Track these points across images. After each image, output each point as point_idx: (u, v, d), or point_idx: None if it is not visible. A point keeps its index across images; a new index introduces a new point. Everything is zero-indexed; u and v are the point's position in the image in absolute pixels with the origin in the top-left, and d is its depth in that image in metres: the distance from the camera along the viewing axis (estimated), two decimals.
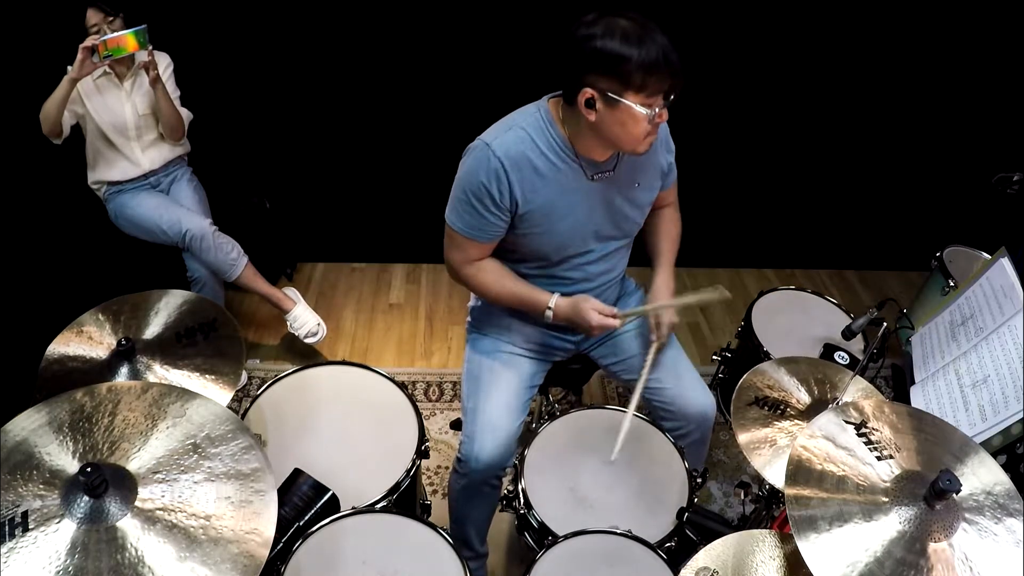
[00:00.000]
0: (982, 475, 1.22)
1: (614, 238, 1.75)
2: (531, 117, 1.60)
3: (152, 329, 1.56)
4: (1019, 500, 1.19)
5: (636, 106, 1.43)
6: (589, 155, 1.60)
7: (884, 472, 1.21)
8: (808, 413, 1.63)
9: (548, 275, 1.75)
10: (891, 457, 1.23)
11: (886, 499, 1.17)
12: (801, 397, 1.66)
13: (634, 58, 1.38)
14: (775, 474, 1.52)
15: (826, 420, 1.29)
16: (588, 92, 1.45)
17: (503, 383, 1.82)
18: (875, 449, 1.24)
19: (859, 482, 1.19)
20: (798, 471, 1.20)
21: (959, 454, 1.25)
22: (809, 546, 1.11)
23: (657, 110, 1.45)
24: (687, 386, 1.85)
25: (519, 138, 1.57)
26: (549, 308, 1.69)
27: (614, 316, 1.66)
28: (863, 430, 1.28)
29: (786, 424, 1.61)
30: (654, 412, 1.91)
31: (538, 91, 1.66)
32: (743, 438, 1.58)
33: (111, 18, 2.32)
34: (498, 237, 1.67)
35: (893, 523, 1.14)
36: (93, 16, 2.31)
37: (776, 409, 1.63)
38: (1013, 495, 1.20)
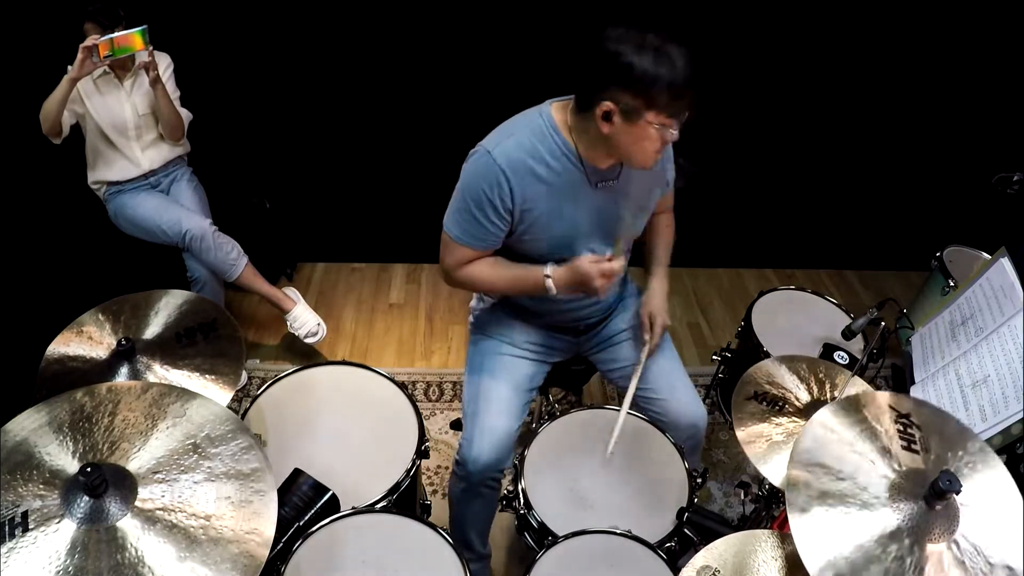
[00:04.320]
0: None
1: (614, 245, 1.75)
2: (533, 123, 1.58)
3: (152, 329, 1.56)
4: (1019, 500, 1.19)
5: (655, 126, 1.42)
6: (594, 163, 1.58)
7: (884, 472, 1.21)
8: (807, 411, 1.63)
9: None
10: (893, 455, 1.23)
11: (886, 499, 1.17)
12: (800, 395, 1.67)
13: (664, 79, 1.37)
14: (772, 469, 1.53)
15: (826, 418, 1.29)
16: (608, 105, 1.43)
17: (504, 386, 1.82)
18: (876, 445, 1.24)
19: (859, 481, 1.19)
20: (798, 471, 1.20)
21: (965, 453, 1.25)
22: (808, 546, 1.11)
23: (675, 133, 1.45)
24: (680, 398, 1.86)
25: (520, 144, 1.56)
26: (548, 276, 1.61)
27: (610, 261, 1.57)
28: (864, 429, 1.28)
29: (784, 421, 1.61)
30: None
31: (539, 93, 1.66)
32: (741, 433, 1.58)
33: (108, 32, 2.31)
34: (494, 246, 1.66)
35: (893, 523, 1.14)
36: (92, 31, 2.30)
37: (775, 405, 1.64)
38: (1013, 495, 1.20)
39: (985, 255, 2.70)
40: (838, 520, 1.13)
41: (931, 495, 1.13)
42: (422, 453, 1.70)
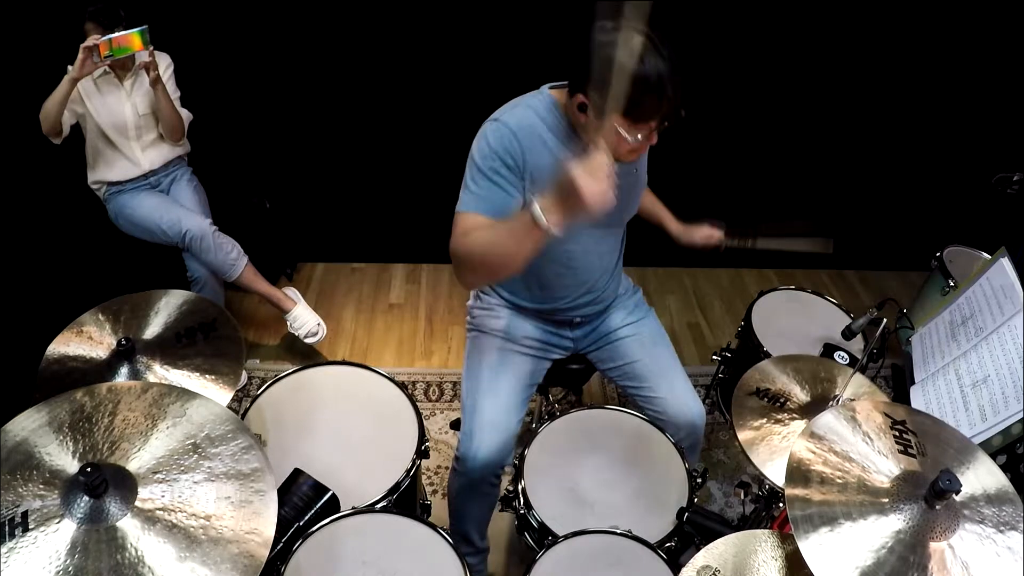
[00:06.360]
0: (982, 476, 1.22)
1: (609, 225, 1.76)
2: (536, 99, 1.62)
3: (152, 329, 1.56)
4: (1018, 501, 1.19)
5: (620, 128, 1.42)
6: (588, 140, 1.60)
7: (884, 472, 1.21)
8: (807, 410, 1.63)
9: (541, 257, 1.71)
10: (892, 456, 1.23)
11: (886, 499, 1.17)
12: (801, 394, 1.67)
13: (633, 87, 1.33)
14: (772, 467, 1.53)
15: (826, 419, 1.29)
16: (581, 98, 1.46)
17: (503, 381, 1.82)
18: (875, 446, 1.24)
19: (859, 482, 1.19)
20: (798, 471, 1.20)
21: (959, 454, 1.25)
22: (809, 546, 1.11)
23: (639, 138, 1.44)
24: (679, 396, 1.87)
25: (527, 114, 1.59)
26: (535, 207, 1.27)
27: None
28: (864, 429, 1.28)
29: (785, 418, 1.62)
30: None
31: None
32: (741, 430, 1.58)
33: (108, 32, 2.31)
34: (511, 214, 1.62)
35: (893, 523, 1.14)
36: (92, 31, 2.30)
37: (776, 402, 1.64)
38: (1012, 496, 1.20)
39: (985, 255, 2.69)
40: (845, 536, 1.12)
41: (931, 495, 1.13)
42: (422, 453, 1.70)
